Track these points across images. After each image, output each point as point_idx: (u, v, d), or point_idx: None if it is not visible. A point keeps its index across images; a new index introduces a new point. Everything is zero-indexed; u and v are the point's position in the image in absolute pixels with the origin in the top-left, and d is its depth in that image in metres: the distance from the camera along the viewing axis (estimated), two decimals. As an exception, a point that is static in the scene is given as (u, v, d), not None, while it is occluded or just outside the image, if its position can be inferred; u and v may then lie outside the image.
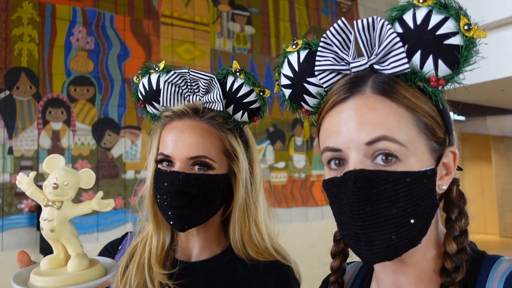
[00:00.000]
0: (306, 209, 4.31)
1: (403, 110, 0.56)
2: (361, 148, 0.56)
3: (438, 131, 0.59)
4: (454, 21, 0.54)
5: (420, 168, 0.56)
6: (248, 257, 0.92)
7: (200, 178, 0.86)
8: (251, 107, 0.91)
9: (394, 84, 0.57)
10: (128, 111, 3.43)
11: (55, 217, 0.64)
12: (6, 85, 3.00)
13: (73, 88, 3.24)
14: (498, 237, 9.74)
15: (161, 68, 0.94)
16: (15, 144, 2.99)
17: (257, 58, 4.18)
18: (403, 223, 0.55)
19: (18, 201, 2.95)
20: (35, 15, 3.13)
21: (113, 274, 0.67)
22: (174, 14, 3.75)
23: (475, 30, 0.53)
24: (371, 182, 0.54)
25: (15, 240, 2.91)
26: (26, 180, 0.65)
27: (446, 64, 0.55)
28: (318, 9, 4.66)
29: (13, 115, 3.01)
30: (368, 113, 0.56)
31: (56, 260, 0.67)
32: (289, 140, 4.29)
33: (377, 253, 0.55)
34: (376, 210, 0.54)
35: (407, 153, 0.55)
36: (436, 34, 0.54)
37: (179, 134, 0.88)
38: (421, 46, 0.56)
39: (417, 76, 0.57)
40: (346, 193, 0.56)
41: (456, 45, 0.54)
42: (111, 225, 3.25)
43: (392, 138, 0.55)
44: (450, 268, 0.58)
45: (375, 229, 0.55)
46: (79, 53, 3.28)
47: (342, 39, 0.61)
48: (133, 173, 3.40)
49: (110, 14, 3.43)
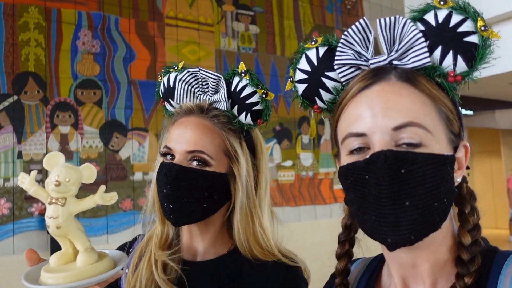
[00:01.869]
0: (315, 207, 4.30)
1: (426, 98, 0.59)
2: (387, 132, 0.57)
3: (454, 123, 0.62)
4: (473, 21, 0.59)
5: (442, 152, 0.58)
6: (254, 257, 0.93)
7: (194, 172, 0.88)
8: (253, 109, 0.92)
9: (415, 75, 0.60)
10: (135, 113, 3.45)
11: (60, 214, 0.64)
12: (14, 90, 3.03)
13: (80, 91, 3.26)
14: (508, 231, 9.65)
15: (180, 67, 0.98)
16: (24, 149, 3.02)
17: (262, 57, 4.17)
18: (428, 205, 0.56)
19: (28, 204, 2.98)
20: (41, 20, 3.16)
21: (122, 265, 0.67)
22: (179, 15, 3.76)
23: (490, 31, 0.58)
24: (400, 162, 0.55)
25: (26, 244, 2.94)
26: (27, 179, 0.66)
27: (464, 60, 0.59)
28: (323, 6, 4.64)
29: (22, 120, 3.03)
30: (394, 99, 0.58)
31: (65, 256, 0.67)
32: (296, 139, 4.28)
33: (403, 234, 0.55)
34: (404, 190, 0.55)
35: (432, 138, 0.58)
36: (457, 31, 0.59)
37: (183, 129, 0.91)
38: (443, 42, 0.60)
39: (436, 71, 0.60)
40: (375, 173, 0.56)
41: (474, 43, 0.58)
42: (120, 227, 3.27)
43: (419, 124, 0.57)
44: (466, 259, 0.59)
45: (403, 209, 0.55)
46: (85, 57, 3.30)
47: (363, 38, 0.65)
48: (141, 174, 3.42)
49: (115, 17, 3.45)
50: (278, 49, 4.28)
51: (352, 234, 0.75)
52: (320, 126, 4.46)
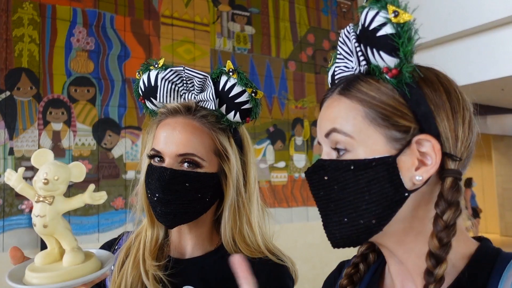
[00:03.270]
0: (307, 208, 4.31)
1: (356, 104, 0.62)
2: (324, 140, 0.65)
3: (398, 120, 0.59)
4: (385, 12, 0.57)
5: (368, 156, 0.59)
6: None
7: (187, 174, 0.87)
8: (242, 108, 0.91)
9: (355, 82, 0.64)
10: (128, 111, 3.43)
11: (47, 212, 0.63)
12: (7, 86, 3.00)
13: (74, 88, 3.24)
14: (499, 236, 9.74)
15: (160, 65, 0.96)
16: (15, 145, 3.00)
17: (257, 58, 4.18)
18: (354, 207, 0.60)
19: (19, 201, 2.96)
20: (35, 15, 3.14)
21: (109, 266, 0.66)
22: (174, 14, 3.75)
23: (400, 15, 0.56)
24: (323, 170, 0.62)
25: (16, 241, 2.92)
26: (15, 176, 0.64)
27: (387, 54, 0.58)
28: (318, 9, 4.66)
29: (14, 116, 3.01)
30: (326, 111, 0.66)
31: (51, 256, 0.65)
32: (289, 140, 4.29)
33: (333, 235, 0.62)
34: (328, 195, 0.62)
35: (353, 143, 0.61)
36: (370, 29, 0.59)
37: (170, 131, 0.89)
38: (368, 43, 0.61)
39: (376, 70, 0.61)
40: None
41: (388, 35, 0.57)
42: (112, 226, 3.25)
43: (339, 130, 0.62)
44: (429, 267, 0.56)
45: (328, 212, 0.62)
46: (79, 54, 3.28)
47: (348, 48, 0.67)
48: (134, 173, 3.40)
49: (110, 14, 3.43)
50: (273, 51, 4.28)
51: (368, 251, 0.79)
52: (314, 128, 4.47)
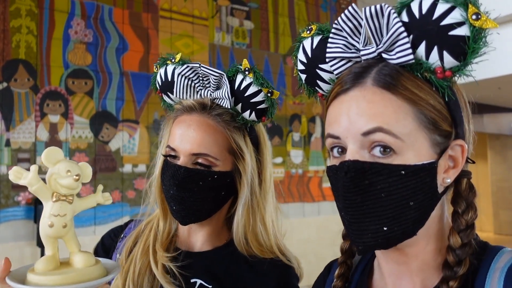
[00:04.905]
0: (303, 204, 4.33)
1: (403, 102, 0.56)
2: (357, 138, 0.56)
3: (442, 124, 0.58)
4: (462, 10, 0.51)
5: (417, 161, 0.56)
6: (249, 253, 0.93)
7: (200, 173, 0.87)
8: (258, 107, 0.90)
9: (397, 75, 0.57)
10: (126, 104, 3.42)
11: (68, 211, 0.61)
12: (4, 77, 2.99)
13: (71, 80, 3.23)
14: (493, 234, 9.80)
15: (177, 60, 0.95)
16: (12, 136, 2.99)
17: (255, 53, 4.17)
18: (395, 215, 0.55)
19: (15, 193, 2.95)
20: (33, 6, 3.12)
21: (116, 273, 0.65)
22: (173, 8, 3.74)
23: (484, 20, 0.51)
24: (363, 173, 0.55)
25: (12, 233, 2.92)
26: (30, 174, 0.61)
27: (452, 55, 0.53)
28: (317, 4, 4.65)
29: (11, 107, 3.00)
30: (366, 105, 0.57)
31: (54, 261, 0.63)
32: (287, 136, 4.30)
33: (367, 243, 0.56)
34: (367, 201, 0.55)
35: (403, 146, 0.55)
36: (440, 25, 0.52)
37: (185, 128, 0.90)
38: (426, 37, 0.54)
39: (423, 67, 0.56)
40: (338, 182, 0.57)
41: (462, 36, 0.52)
42: (108, 218, 3.26)
43: (388, 130, 0.55)
44: (452, 262, 0.58)
45: (365, 220, 0.56)
46: (77, 46, 3.27)
47: (353, 26, 0.60)
48: (131, 166, 3.40)
49: (108, 7, 3.41)
50: (271, 46, 4.28)
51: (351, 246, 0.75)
52: (311, 124, 4.48)
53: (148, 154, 3.49)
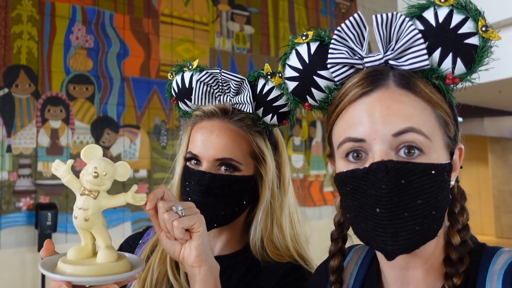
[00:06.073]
0: (304, 209, 4.32)
1: (426, 104, 0.58)
2: (387, 139, 0.56)
3: (451, 127, 0.61)
4: (473, 22, 0.56)
5: (440, 161, 0.58)
6: (264, 258, 0.92)
7: (226, 178, 0.88)
8: (280, 111, 0.91)
9: (413, 79, 0.58)
10: (127, 109, 3.43)
11: (90, 206, 0.64)
12: (5, 83, 3.00)
13: (72, 86, 3.24)
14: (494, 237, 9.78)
15: (194, 66, 0.96)
16: (13, 142, 2.99)
17: (256, 58, 4.18)
18: (425, 214, 0.56)
19: (16, 199, 2.95)
20: (34, 12, 3.13)
21: (140, 269, 0.67)
22: (174, 13, 3.75)
23: (491, 32, 0.55)
24: (400, 173, 0.55)
25: (13, 239, 2.91)
26: (63, 167, 0.65)
27: (463, 62, 0.57)
28: (317, 9, 4.67)
29: (12, 113, 3.00)
30: (394, 106, 0.57)
31: (84, 251, 0.66)
32: (288, 140, 4.30)
33: (401, 244, 0.56)
34: (403, 201, 0.55)
35: (431, 146, 0.57)
36: (458, 32, 0.56)
37: (208, 134, 0.90)
38: (442, 44, 0.57)
39: (435, 73, 0.58)
40: (374, 183, 0.55)
41: (474, 45, 0.56)
42: (109, 224, 3.25)
43: (419, 130, 0.56)
44: (455, 259, 0.60)
45: (402, 220, 0.55)
46: (78, 52, 3.28)
47: (357, 33, 0.62)
48: (132, 172, 3.40)
49: (109, 12, 3.43)
50: (272, 50, 4.29)
51: (344, 231, 0.74)
52: (312, 128, 4.48)
53: (149, 159, 3.49)
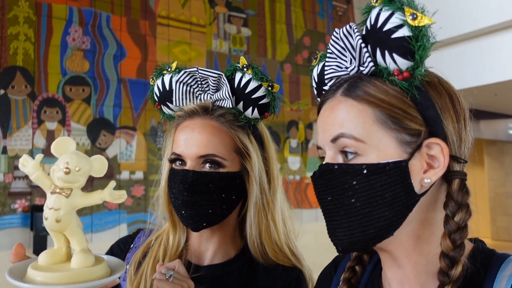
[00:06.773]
0: (301, 211, 4.32)
1: (364, 106, 0.60)
2: (330, 145, 0.62)
3: (409, 123, 0.59)
4: (401, 14, 0.55)
5: (381, 160, 0.58)
6: (264, 257, 0.91)
7: (210, 175, 0.86)
8: (260, 103, 0.90)
9: (360, 83, 0.61)
10: (123, 111, 3.42)
11: (62, 206, 0.57)
12: (1, 84, 2.98)
13: (69, 87, 3.23)
14: (490, 240, 9.80)
15: (173, 68, 0.95)
16: (9, 144, 2.98)
17: (253, 59, 4.15)
18: (365, 213, 0.58)
19: (11, 201, 2.94)
20: (31, 14, 3.12)
21: (119, 274, 0.61)
22: (171, 15, 3.75)
23: (420, 18, 0.54)
24: (331, 174, 0.60)
25: (8, 241, 2.89)
26: (31, 163, 0.58)
27: (401, 56, 0.56)
28: (314, 12, 4.68)
29: (8, 114, 2.99)
30: (332, 114, 0.62)
31: (57, 255, 0.59)
32: (284, 142, 4.30)
33: (341, 241, 0.60)
34: (336, 200, 0.59)
35: (365, 147, 0.59)
36: (384, 30, 0.57)
37: (189, 132, 0.89)
38: (378, 44, 0.59)
39: (384, 72, 0.59)
40: (313, 185, 0.64)
41: (402, 37, 0.55)
42: (105, 226, 3.24)
43: (349, 135, 0.59)
44: (444, 267, 0.57)
45: (336, 218, 0.60)
46: (75, 53, 3.27)
47: (341, 47, 0.65)
48: (128, 173, 3.39)
49: (106, 14, 3.43)
50: (269, 53, 4.29)
51: None
52: (309, 130, 4.49)
53: (146, 161, 3.48)
